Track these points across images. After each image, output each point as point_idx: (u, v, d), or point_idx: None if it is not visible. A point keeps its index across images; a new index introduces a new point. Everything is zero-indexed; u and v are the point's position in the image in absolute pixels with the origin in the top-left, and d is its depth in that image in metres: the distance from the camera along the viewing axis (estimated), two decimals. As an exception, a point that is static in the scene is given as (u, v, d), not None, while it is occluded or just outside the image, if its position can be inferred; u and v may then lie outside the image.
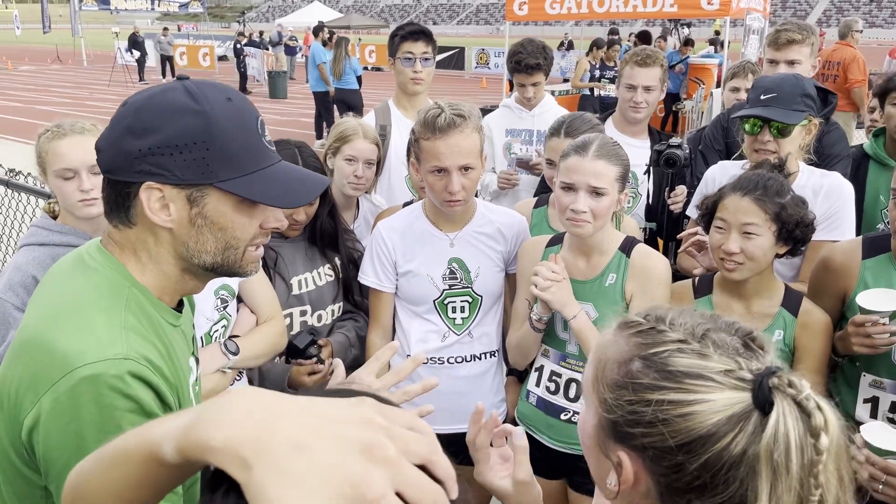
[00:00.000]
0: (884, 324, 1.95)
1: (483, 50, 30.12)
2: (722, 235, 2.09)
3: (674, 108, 11.22)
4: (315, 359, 2.31)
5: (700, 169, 3.27)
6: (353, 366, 2.51)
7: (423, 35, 3.48)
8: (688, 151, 2.89)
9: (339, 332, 2.51)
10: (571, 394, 2.28)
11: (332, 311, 2.51)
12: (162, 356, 1.19)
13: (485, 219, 2.46)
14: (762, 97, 2.45)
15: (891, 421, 2.04)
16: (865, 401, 2.12)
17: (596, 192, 2.12)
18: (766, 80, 2.56)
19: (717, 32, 18.04)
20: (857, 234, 2.79)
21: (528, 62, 3.63)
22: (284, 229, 2.47)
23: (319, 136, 12.95)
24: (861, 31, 8.18)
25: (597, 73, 11.01)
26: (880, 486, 1.78)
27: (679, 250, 2.61)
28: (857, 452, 1.81)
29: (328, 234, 2.52)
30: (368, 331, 2.51)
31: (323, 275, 2.49)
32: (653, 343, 0.89)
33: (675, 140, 2.94)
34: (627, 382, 0.89)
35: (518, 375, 2.61)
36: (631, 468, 0.88)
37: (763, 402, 0.81)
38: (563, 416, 2.30)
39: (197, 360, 1.41)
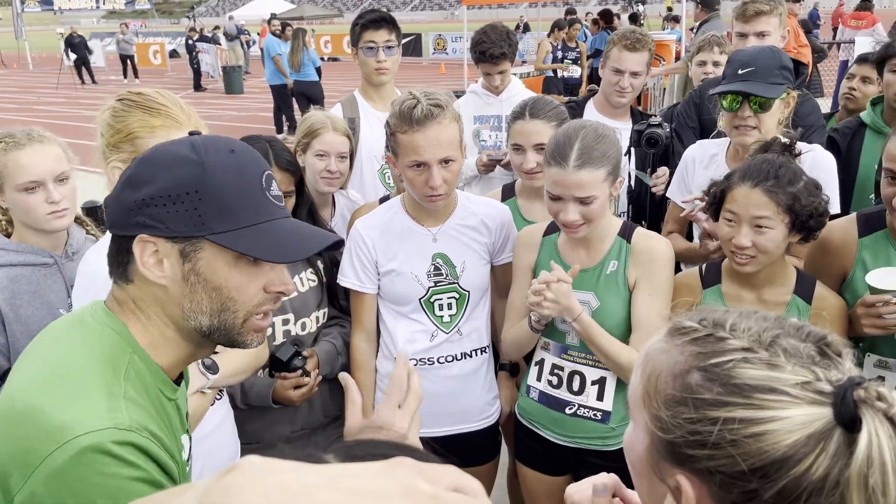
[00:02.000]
0: (895, 303, 1.89)
1: (440, 35, 29.91)
2: (732, 229, 1.99)
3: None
4: (300, 371, 2.20)
5: (676, 148, 3.20)
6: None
7: (384, 22, 3.34)
8: (668, 130, 2.82)
9: (325, 341, 2.39)
10: (575, 387, 2.20)
11: (317, 318, 2.39)
12: (161, 428, 1.10)
13: (467, 211, 2.36)
14: (739, 72, 2.38)
15: None
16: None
17: (584, 202, 2.03)
18: (741, 54, 2.49)
19: (670, 8, 18.16)
20: (849, 204, 2.76)
21: (492, 52, 3.53)
22: None
23: (280, 131, 12.72)
24: (799, 1, 8.17)
25: (559, 54, 10.94)
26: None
27: (684, 214, 2.54)
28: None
29: None
30: (351, 335, 2.40)
31: (305, 280, 2.37)
32: (713, 352, 0.79)
33: (654, 119, 2.87)
34: (686, 398, 0.79)
35: (509, 370, 2.53)
36: (693, 494, 0.78)
37: (848, 418, 0.72)
38: (567, 411, 2.22)
39: (190, 437, 1.31)
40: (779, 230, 1.95)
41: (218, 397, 1.95)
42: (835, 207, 2.45)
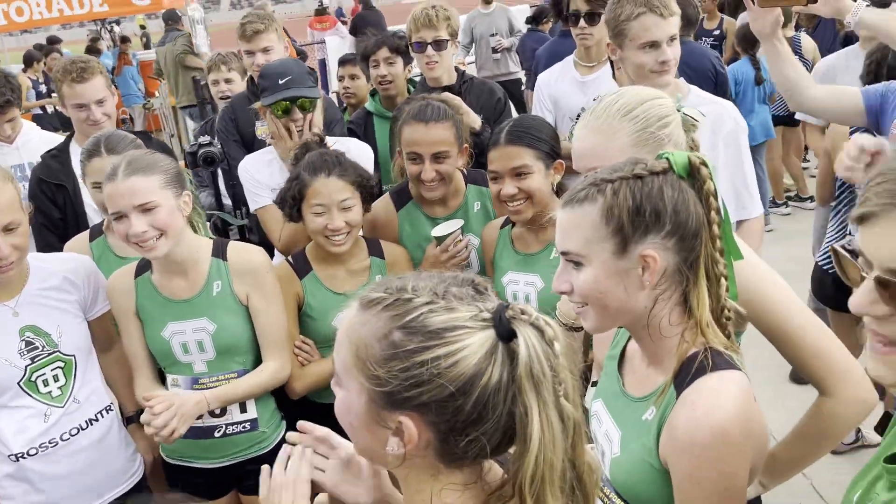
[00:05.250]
0: (461, 240, 2.38)
1: None
2: (323, 217, 2.29)
3: (145, 106, 10.95)
4: None
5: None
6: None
7: None
8: (220, 146, 2.95)
9: None
10: (217, 410, 2.21)
11: None
12: None
13: (44, 272, 2.17)
14: (280, 81, 2.66)
15: None
16: None
17: (147, 210, 2.02)
18: (274, 68, 2.76)
19: (143, 27, 17.87)
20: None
21: None
22: None
23: None
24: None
25: (42, 88, 9.91)
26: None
27: None
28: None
29: None
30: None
31: None
32: (405, 311, 0.97)
33: (204, 139, 2.97)
34: (396, 353, 0.96)
35: (137, 420, 2.40)
36: (413, 427, 0.96)
37: (505, 333, 0.96)
38: (217, 434, 2.25)
39: None
40: (359, 206, 2.32)
41: None
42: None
